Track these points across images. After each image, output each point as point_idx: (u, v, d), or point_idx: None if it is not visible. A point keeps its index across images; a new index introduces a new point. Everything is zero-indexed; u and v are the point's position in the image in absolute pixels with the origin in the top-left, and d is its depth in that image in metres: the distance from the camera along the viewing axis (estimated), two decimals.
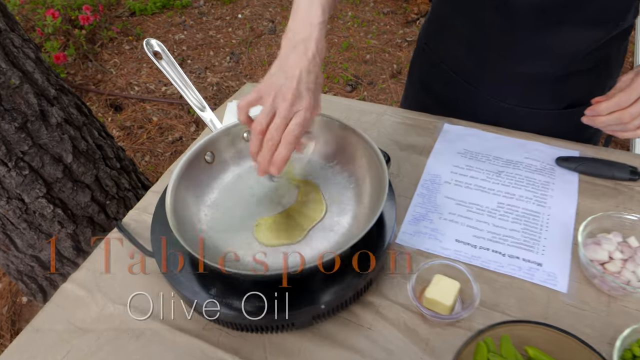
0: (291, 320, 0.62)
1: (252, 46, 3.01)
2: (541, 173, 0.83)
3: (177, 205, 0.67)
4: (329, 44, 3.02)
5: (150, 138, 2.43)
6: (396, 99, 2.65)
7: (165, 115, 2.54)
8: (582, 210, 0.77)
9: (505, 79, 0.88)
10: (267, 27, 3.16)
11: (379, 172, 0.68)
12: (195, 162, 0.74)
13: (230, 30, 3.15)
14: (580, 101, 0.88)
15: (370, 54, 2.95)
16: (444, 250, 0.73)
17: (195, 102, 0.80)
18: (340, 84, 2.75)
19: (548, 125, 0.91)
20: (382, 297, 0.68)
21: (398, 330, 0.65)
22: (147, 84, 2.71)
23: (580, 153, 0.86)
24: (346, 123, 0.74)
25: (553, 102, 0.89)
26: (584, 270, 0.68)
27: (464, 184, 0.82)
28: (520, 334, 0.57)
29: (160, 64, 0.80)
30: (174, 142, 2.41)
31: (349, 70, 2.83)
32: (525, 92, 0.88)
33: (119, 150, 1.59)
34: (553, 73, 0.84)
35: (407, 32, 3.10)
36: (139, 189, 1.66)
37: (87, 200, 1.40)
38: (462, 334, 0.64)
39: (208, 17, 3.26)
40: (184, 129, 2.47)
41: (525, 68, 0.84)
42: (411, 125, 0.95)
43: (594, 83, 0.87)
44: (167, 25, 3.15)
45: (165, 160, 2.32)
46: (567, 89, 0.87)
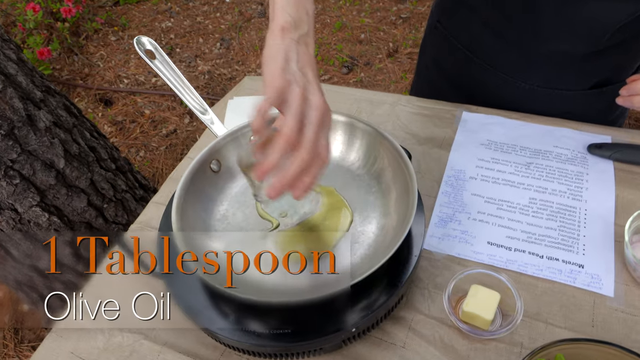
0: (319, 345, 0.56)
1: (243, 31, 2.91)
2: (573, 163, 0.77)
3: (184, 225, 0.60)
4: (321, 25, 2.92)
5: (144, 132, 2.36)
6: (394, 79, 2.57)
7: (158, 108, 2.45)
8: (622, 203, 0.72)
9: (527, 58, 0.81)
10: (256, 10, 3.05)
11: (404, 174, 0.62)
12: (200, 172, 0.67)
13: (218, 15, 3.03)
14: (608, 81, 0.82)
15: (365, 33, 2.85)
16: (477, 255, 0.67)
17: (195, 105, 0.73)
18: (336, 66, 2.66)
19: (571, 107, 0.85)
20: (415, 311, 0.63)
21: (435, 347, 0.59)
22: (137, 75, 2.62)
23: (613, 139, 0.80)
24: (367, 121, 0.68)
25: (578, 82, 0.82)
26: (632, 271, 0.63)
27: (491, 179, 0.76)
28: (574, 352, 0.51)
29: (154, 64, 0.72)
30: (169, 135, 2.33)
31: (344, 52, 2.74)
32: (548, 71, 0.81)
33: (112, 150, 1.52)
34: (580, 51, 0.77)
35: (402, 8, 3.01)
36: (137, 189, 1.60)
37: (84, 206, 1.33)
38: (505, 350, 0.59)
39: (194, 2, 3.15)
40: (178, 121, 2.39)
41: (549, 46, 0.77)
42: (428, 115, 0.88)
43: (622, 61, 0.81)
44: (152, 14, 3.03)
45: (160, 155, 2.24)
46: (594, 68, 0.80)
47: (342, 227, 0.63)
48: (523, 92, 0.85)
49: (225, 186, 0.70)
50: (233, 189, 0.70)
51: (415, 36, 2.77)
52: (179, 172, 0.85)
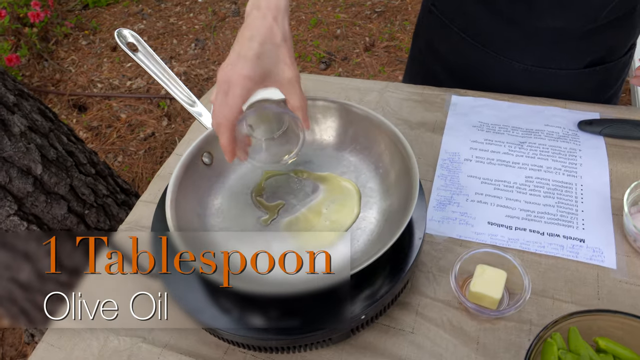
0: (327, 336, 0.54)
1: (217, 30, 2.87)
2: (565, 140, 0.77)
3: (180, 222, 0.58)
4: (296, 22, 2.90)
5: (121, 137, 2.30)
6: (372, 73, 2.57)
7: (134, 111, 2.40)
8: (616, 177, 0.72)
9: (522, 35, 0.80)
10: (230, 10, 3.02)
11: (402, 157, 0.61)
12: (192, 166, 0.64)
13: (191, 15, 2.99)
14: (602, 60, 0.82)
15: (341, 29, 2.85)
16: (478, 236, 0.67)
17: (183, 97, 0.70)
18: (314, 62, 2.65)
19: (566, 86, 0.85)
20: (420, 295, 0.62)
21: (444, 330, 0.58)
22: (110, 79, 2.56)
23: (601, 115, 0.81)
24: (361, 107, 0.66)
25: (572, 61, 0.82)
26: (633, 242, 0.63)
27: (486, 160, 0.76)
28: (585, 324, 0.51)
29: (137, 56, 0.70)
30: (147, 139, 2.28)
31: (321, 47, 2.72)
32: (543, 50, 0.80)
33: (91, 154, 1.48)
34: (577, 28, 0.76)
35: (376, 2, 3.01)
36: (118, 194, 1.55)
37: (64, 213, 1.28)
38: (514, 328, 0.58)
39: (166, 3, 3.09)
40: (156, 124, 2.34)
41: (545, 23, 0.76)
42: (417, 100, 0.87)
43: (615, 40, 0.81)
44: (124, 16, 2.97)
45: (139, 159, 2.19)
46: (588, 47, 0.80)
47: (342, 225, 0.61)
48: (517, 73, 0.84)
49: (219, 179, 0.68)
50: (226, 181, 0.68)
51: (390, 30, 2.78)
52: (167, 169, 0.82)
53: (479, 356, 0.56)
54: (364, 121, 0.66)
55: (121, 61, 2.66)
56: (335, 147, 0.69)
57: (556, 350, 0.49)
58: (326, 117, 0.70)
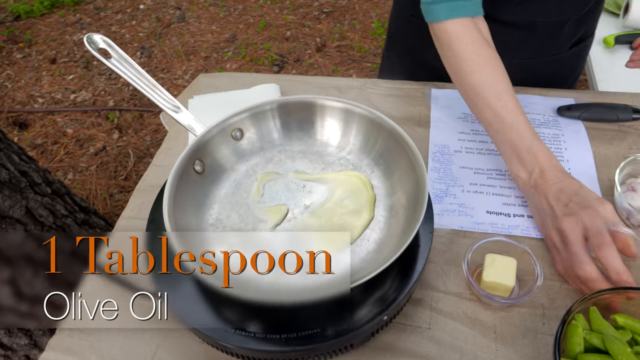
0: (349, 342, 0.52)
1: (163, 37, 2.78)
2: (547, 126, 0.79)
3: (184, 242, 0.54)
4: (244, 25, 2.86)
5: (69, 153, 2.17)
6: (326, 73, 2.57)
7: (81, 125, 2.27)
8: (599, 158, 0.75)
9: (519, 35, 0.81)
10: (174, 15, 2.93)
11: (406, 154, 0.60)
12: (184, 176, 0.61)
13: (134, 23, 2.88)
14: (582, 37, 0.86)
15: (291, 30, 2.83)
16: (479, 226, 0.67)
17: (166, 104, 0.66)
18: (266, 65, 2.61)
19: (554, 69, 0.88)
20: (432, 290, 0.61)
21: (461, 323, 0.58)
22: (52, 93, 2.41)
23: (576, 100, 0.84)
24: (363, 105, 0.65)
25: (562, 45, 0.85)
26: (626, 220, 0.65)
27: (475, 150, 0.77)
28: (603, 303, 0.52)
29: (111, 63, 0.65)
30: (98, 154, 2.17)
31: (272, 50, 2.70)
32: (538, 44, 0.82)
33: (45, 172, 1.38)
34: (570, 18, 0.79)
35: (323, 3, 3.01)
36: (77, 213, 1.46)
37: (21, 237, 1.19)
38: (528, 314, 0.58)
39: (106, 11, 2.96)
40: (106, 137, 2.23)
41: (543, 19, 0.79)
42: (399, 95, 0.87)
43: (594, 15, 0.85)
44: (61, 26, 2.81)
45: (91, 175, 2.08)
46: (577, 29, 0.83)
47: (351, 231, 0.59)
48: (511, 67, 0.86)
49: (212, 187, 0.64)
50: (221, 189, 0.65)
51: (340, 29, 2.79)
52: (147, 182, 0.77)
53: (499, 345, 0.56)
54: (363, 120, 0.65)
55: (62, 74, 2.52)
56: (338, 148, 0.68)
57: (581, 332, 0.49)
58: (330, 118, 0.68)
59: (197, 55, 2.65)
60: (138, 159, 2.12)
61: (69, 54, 2.64)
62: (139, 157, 2.12)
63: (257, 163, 0.67)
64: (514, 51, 0.84)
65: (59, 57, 2.63)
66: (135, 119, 2.29)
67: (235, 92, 0.88)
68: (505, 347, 0.56)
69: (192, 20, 2.91)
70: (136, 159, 2.12)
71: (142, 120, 2.29)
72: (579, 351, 0.49)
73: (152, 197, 0.72)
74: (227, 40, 2.75)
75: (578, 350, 0.49)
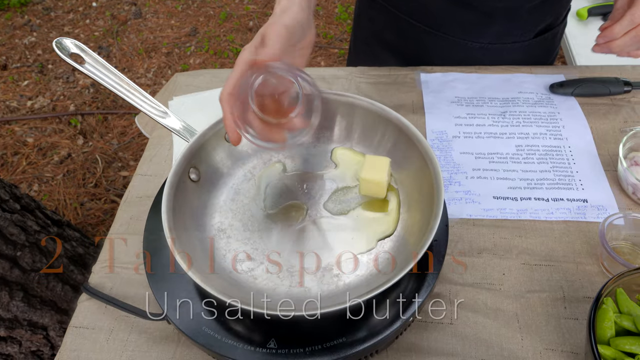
0: (375, 349, 0.50)
1: (120, 35, 2.66)
2: (542, 105, 0.78)
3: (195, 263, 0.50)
4: (205, 18, 2.77)
5: (32, 163, 2.06)
6: None
7: (42, 134, 2.16)
8: (597, 133, 0.74)
9: (478, 18, 0.80)
10: (130, 12, 2.81)
11: (415, 147, 0.57)
12: (180, 186, 0.56)
13: (88, 22, 2.74)
14: (549, 26, 0.85)
15: (253, 20, 2.76)
16: (488, 212, 0.65)
17: (151, 110, 0.62)
18: (232, 58, 2.54)
19: (518, 57, 0.86)
20: (449, 283, 0.59)
21: (483, 315, 0.56)
22: (7, 101, 2.28)
23: (565, 76, 0.83)
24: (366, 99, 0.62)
25: (526, 32, 0.83)
26: (632, 194, 0.65)
27: (474, 135, 0.75)
28: (627, 284, 0.51)
29: (86, 68, 0.60)
30: (63, 162, 2.06)
31: (236, 42, 2.62)
32: (498, 28, 0.81)
33: (12, 187, 1.30)
34: (512, 5, 0.78)
35: None
36: (50, 227, 1.38)
37: None
38: (548, 298, 0.57)
39: (56, 11, 2.81)
40: (70, 144, 2.12)
41: (502, 3, 0.77)
42: (388, 83, 0.84)
43: (561, 4, 0.83)
44: (8, 29, 2.66)
45: (58, 185, 1.98)
46: (540, 16, 0.81)
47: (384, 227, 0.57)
48: (474, 51, 0.85)
49: (210, 196, 0.60)
50: (219, 197, 0.61)
51: None
52: (133, 194, 0.72)
53: (524, 335, 0.55)
54: (368, 114, 0.62)
55: (15, 80, 2.38)
56: (337, 142, 0.64)
57: (612, 315, 0.48)
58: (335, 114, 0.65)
59: (159, 52, 2.55)
60: (107, 164, 2.03)
61: (20, 59, 2.50)
62: (107, 163, 2.03)
63: (254, 165, 0.64)
64: (474, 34, 0.83)
65: (9, 62, 2.48)
66: (99, 122, 2.19)
67: (218, 90, 0.84)
68: (530, 336, 0.54)
69: (150, 16, 2.80)
70: (105, 164, 2.03)
71: (107, 124, 2.20)
72: (611, 335, 0.48)
73: (142, 209, 0.68)
74: (188, 35, 2.66)
75: (609, 335, 0.48)
